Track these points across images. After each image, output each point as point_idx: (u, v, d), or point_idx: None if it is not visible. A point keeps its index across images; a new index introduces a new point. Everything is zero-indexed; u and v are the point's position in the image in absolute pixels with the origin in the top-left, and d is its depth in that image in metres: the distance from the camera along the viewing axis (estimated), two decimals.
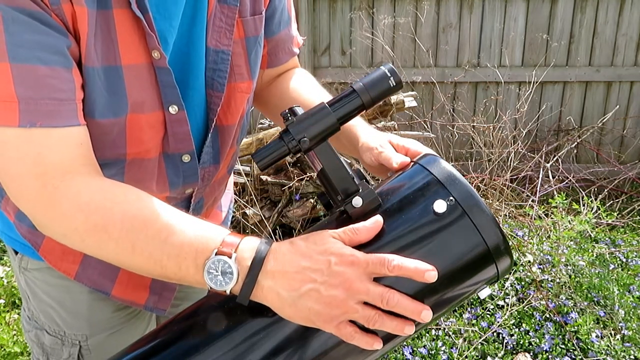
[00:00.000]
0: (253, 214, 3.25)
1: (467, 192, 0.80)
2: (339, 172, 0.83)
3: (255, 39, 1.03)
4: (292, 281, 0.73)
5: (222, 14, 0.97)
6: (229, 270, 0.74)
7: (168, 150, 0.98)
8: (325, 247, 0.74)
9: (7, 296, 3.01)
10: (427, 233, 0.80)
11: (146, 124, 0.93)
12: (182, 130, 0.97)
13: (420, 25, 4.47)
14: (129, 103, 0.90)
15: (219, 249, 0.75)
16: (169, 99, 0.93)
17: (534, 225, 3.34)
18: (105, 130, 0.90)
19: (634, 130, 4.68)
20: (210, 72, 0.99)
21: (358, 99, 0.83)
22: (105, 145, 0.92)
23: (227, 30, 0.98)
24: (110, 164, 0.94)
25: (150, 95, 0.92)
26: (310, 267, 0.73)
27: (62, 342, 1.11)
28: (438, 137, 4.11)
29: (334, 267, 0.73)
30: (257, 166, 0.84)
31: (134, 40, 0.87)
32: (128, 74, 0.88)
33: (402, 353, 2.49)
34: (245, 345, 0.77)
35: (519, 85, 4.50)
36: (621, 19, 4.46)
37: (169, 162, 0.99)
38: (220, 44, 0.98)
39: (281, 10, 1.12)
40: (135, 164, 0.96)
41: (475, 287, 0.84)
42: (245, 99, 1.06)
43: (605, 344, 2.55)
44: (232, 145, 1.10)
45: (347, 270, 0.73)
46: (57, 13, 0.80)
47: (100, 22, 0.84)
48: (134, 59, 0.88)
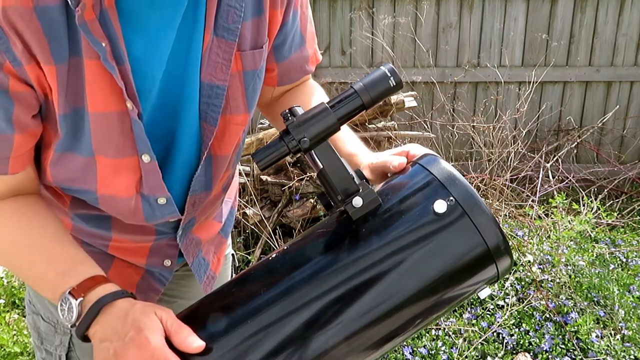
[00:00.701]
0: (253, 214, 3.25)
1: (467, 192, 0.80)
2: (339, 172, 0.83)
3: (254, 72, 1.00)
4: (101, 334, 0.81)
5: (219, 48, 0.93)
6: (72, 311, 0.83)
7: (143, 192, 0.98)
8: (140, 319, 0.79)
9: (7, 296, 3.01)
10: (427, 233, 0.80)
11: (117, 168, 0.94)
12: (155, 179, 0.96)
13: (420, 25, 4.47)
14: (93, 147, 0.91)
15: (72, 291, 0.84)
16: (141, 149, 0.93)
17: (534, 225, 3.34)
18: (74, 166, 0.93)
19: (634, 130, 4.68)
20: (204, 106, 0.96)
21: (358, 99, 0.83)
22: (75, 179, 0.95)
23: (223, 65, 0.94)
24: (83, 193, 0.97)
25: (123, 142, 0.91)
26: (117, 330, 0.79)
27: (55, 329, 1.14)
28: (438, 137, 4.11)
29: (126, 339, 0.78)
30: (257, 166, 0.84)
31: (105, 90, 0.86)
32: (94, 120, 0.88)
33: (402, 353, 2.49)
34: (245, 346, 0.77)
35: (519, 85, 4.50)
36: (621, 19, 4.46)
37: (145, 202, 0.99)
38: (216, 78, 0.95)
39: (293, 35, 1.07)
40: (107, 199, 0.98)
41: (475, 287, 0.84)
42: (241, 130, 1.04)
43: (605, 344, 2.55)
44: (228, 169, 1.09)
45: (131, 349, 0.76)
46: (20, 74, 0.81)
47: (73, 69, 0.84)
48: (102, 107, 0.87)
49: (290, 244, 0.88)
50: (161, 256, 1.13)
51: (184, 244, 1.11)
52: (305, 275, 0.81)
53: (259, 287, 0.82)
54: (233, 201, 1.31)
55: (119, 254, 1.11)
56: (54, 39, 0.81)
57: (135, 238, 1.09)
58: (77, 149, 0.91)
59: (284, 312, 0.79)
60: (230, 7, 0.92)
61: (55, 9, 0.80)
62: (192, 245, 1.14)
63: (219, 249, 1.26)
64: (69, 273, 0.86)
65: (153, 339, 0.76)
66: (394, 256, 0.80)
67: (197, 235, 1.15)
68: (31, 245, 0.90)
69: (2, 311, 2.91)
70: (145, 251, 1.12)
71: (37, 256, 0.90)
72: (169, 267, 1.15)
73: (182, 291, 1.26)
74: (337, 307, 0.78)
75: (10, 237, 0.91)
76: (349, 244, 0.83)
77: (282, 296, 0.80)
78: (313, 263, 0.82)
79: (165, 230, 1.09)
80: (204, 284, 1.20)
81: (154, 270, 1.14)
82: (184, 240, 1.11)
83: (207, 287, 1.21)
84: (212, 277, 1.22)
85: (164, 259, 1.13)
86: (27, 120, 0.86)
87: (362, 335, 0.80)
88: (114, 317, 0.80)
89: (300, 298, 0.79)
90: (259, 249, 3.22)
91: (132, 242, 1.09)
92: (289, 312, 0.79)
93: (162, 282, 1.16)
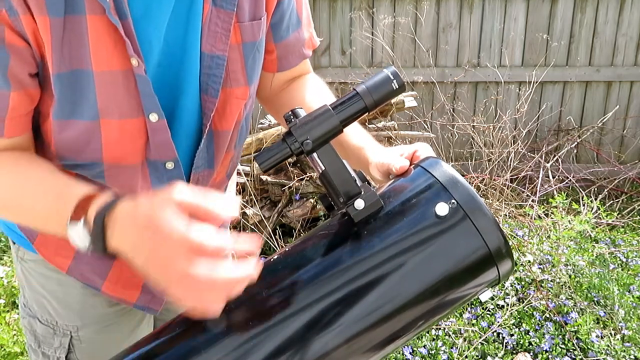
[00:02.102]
0: (253, 214, 3.25)
1: (469, 195, 0.80)
2: (341, 174, 0.83)
3: (253, 44, 1.01)
4: (126, 241, 0.76)
5: (218, 18, 0.95)
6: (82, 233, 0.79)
7: (150, 157, 0.97)
8: (159, 212, 0.73)
9: (7, 296, 3.01)
10: (428, 236, 0.80)
11: (122, 130, 0.93)
12: (163, 139, 0.95)
13: (420, 25, 4.47)
14: (98, 108, 0.89)
15: (71, 215, 0.80)
16: (148, 107, 0.92)
17: (534, 225, 3.34)
18: (77, 133, 0.91)
19: (634, 130, 4.68)
20: (205, 77, 0.97)
21: (361, 101, 0.83)
22: (80, 148, 0.93)
23: (222, 35, 0.96)
24: (88, 166, 0.96)
25: (128, 102, 0.91)
26: (136, 225, 0.74)
27: (53, 331, 1.13)
28: (438, 137, 4.11)
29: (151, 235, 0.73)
30: (260, 168, 0.84)
31: (109, 47, 0.86)
32: (99, 80, 0.88)
33: (402, 353, 2.49)
34: (246, 347, 0.77)
35: (519, 85, 4.50)
36: (621, 19, 4.46)
37: (152, 169, 0.98)
38: (216, 49, 0.96)
39: (290, 14, 1.09)
40: (114, 168, 0.96)
41: (476, 290, 0.84)
42: (242, 104, 1.04)
43: (605, 344, 2.55)
44: (229, 150, 1.09)
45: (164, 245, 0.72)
46: (16, 25, 0.81)
47: (70, 28, 0.84)
48: (107, 65, 0.87)
49: (292, 246, 0.88)
50: None
51: None
52: (306, 277, 0.81)
53: (260, 289, 0.82)
54: None
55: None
56: None
57: None
58: (79, 114, 0.90)
59: (285, 313, 0.79)
60: None
61: None
62: None
63: None
64: (68, 195, 0.83)
65: (176, 224, 0.71)
66: (396, 258, 0.80)
67: None
68: (26, 183, 0.88)
69: (2, 311, 2.91)
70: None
71: (31, 192, 0.88)
72: None
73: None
74: (339, 309, 0.79)
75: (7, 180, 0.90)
76: (351, 246, 0.83)
77: (284, 298, 0.80)
78: (314, 265, 0.83)
79: None
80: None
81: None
82: None
83: None
84: None
85: None
86: (24, 76, 0.85)
87: (363, 337, 0.80)
88: (122, 218, 0.76)
89: (302, 300, 0.79)
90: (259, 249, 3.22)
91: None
92: (291, 314, 0.79)
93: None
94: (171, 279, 0.72)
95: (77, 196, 0.81)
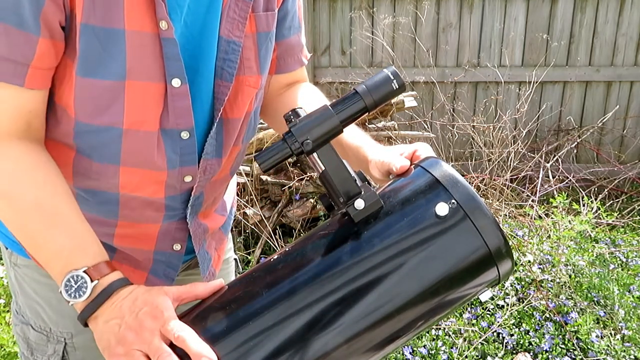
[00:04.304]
0: (253, 214, 3.25)
1: (469, 195, 0.80)
2: (341, 174, 0.83)
3: (267, 35, 1.06)
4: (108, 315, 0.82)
5: (237, 6, 1.00)
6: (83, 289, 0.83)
7: (167, 126, 0.98)
8: (152, 296, 0.81)
9: (7, 296, 3.01)
10: (428, 235, 0.80)
11: (145, 94, 0.94)
12: (183, 105, 0.97)
13: (420, 25, 4.47)
14: (127, 68, 0.90)
15: (89, 269, 0.84)
16: (172, 72, 0.94)
17: (534, 225, 3.34)
18: (101, 92, 0.91)
19: (634, 130, 4.68)
20: (221, 61, 1.00)
21: (361, 101, 0.83)
22: (101, 110, 0.93)
23: (239, 22, 1.00)
24: (106, 131, 0.95)
25: (152, 66, 0.92)
26: (127, 308, 0.81)
27: (47, 338, 1.12)
28: (438, 137, 4.11)
29: (140, 313, 0.79)
30: (260, 168, 0.84)
31: (142, 8, 0.88)
32: (130, 39, 0.89)
33: (402, 353, 2.49)
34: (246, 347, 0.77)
35: (519, 85, 4.50)
36: (621, 19, 4.46)
37: (167, 138, 0.99)
38: (232, 34, 1.00)
39: (292, 15, 1.13)
40: (131, 135, 0.96)
41: (476, 290, 0.84)
42: (253, 93, 1.07)
43: (605, 344, 2.55)
44: (237, 142, 1.10)
45: (147, 320, 0.78)
46: None
47: None
48: (139, 26, 0.89)
49: (292, 246, 0.88)
50: (170, 240, 1.11)
51: (193, 226, 1.10)
52: (307, 277, 0.81)
53: (260, 289, 0.82)
54: (233, 200, 1.32)
55: (124, 243, 1.08)
56: None
57: (144, 216, 1.06)
58: (106, 73, 0.90)
59: (285, 313, 0.79)
60: None
61: None
62: (200, 230, 1.13)
63: (219, 245, 1.26)
64: (85, 250, 0.86)
65: (167, 311, 0.79)
66: (396, 258, 0.80)
67: (203, 221, 1.14)
68: (56, 211, 0.88)
69: (2, 311, 2.91)
70: (154, 236, 1.09)
71: (58, 224, 0.87)
72: (179, 251, 1.12)
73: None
74: (339, 309, 0.79)
75: (35, 196, 0.88)
76: (351, 246, 0.83)
77: (284, 298, 0.80)
78: (315, 265, 0.83)
79: (174, 205, 1.07)
80: (205, 279, 1.18)
81: (160, 261, 1.12)
82: (192, 221, 1.10)
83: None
84: (212, 273, 1.21)
85: (173, 243, 1.11)
86: (55, 24, 0.85)
87: (363, 337, 0.80)
88: (121, 299, 0.82)
89: (302, 300, 0.79)
90: (259, 249, 3.22)
91: (139, 225, 1.07)
92: (291, 314, 0.79)
93: (169, 277, 1.14)
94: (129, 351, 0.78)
95: (100, 256, 0.86)
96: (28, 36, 0.84)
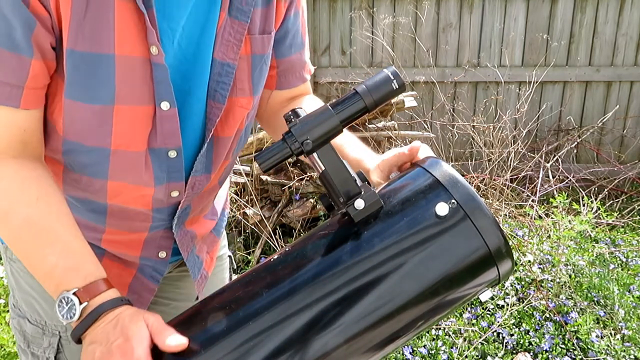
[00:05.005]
0: (253, 214, 3.25)
1: (469, 195, 0.80)
2: (341, 174, 0.83)
3: (262, 57, 1.05)
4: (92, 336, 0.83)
5: (232, 28, 0.98)
6: (73, 311, 0.84)
7: (154, 145, 0.98)
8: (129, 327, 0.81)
9: (7, 296, 3.01)
10: (428, 235, 0.80)
11: (133, 117, 0.94)
12: (172, 127, 0.97)
13: (420, 25, 4.47)
14: (115, 92, 0.90)
15: (79, 290, 0.84)
16: (161, 96, 0.94)
17: (534, 225, 3.34)
18: (89, 115, 0.92)
19: (634, 130, 4.69)
20: (214, 83, 1.00)
21: (361, 101, 0.83)
22: (89, 132, 0.94)
23: (234, 44, 0.99)
24: (94, 151, 0.96)
25: (141, 90, 0.92)
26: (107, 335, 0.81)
27: (42, 331, 1.13)
28: (438, 137, 4.11)
29: (113, 346, 0.79)
30: (260, 168, 0.84)
31: (132, 33, 0.88)
32: (120, 64, 0.89)
33: (402, 353, 2.49)
34: (246, 347, 0.77)
35: (519, 85, 4.50)
36: (621, 19, 4.47)
37: (155, 157, 0.99)
38: (227, 57, 0.99)
39: (294, 34, 1.12)
40: (119, 154, 0.97)
41: (476, 290, 0.84)
42: (245, 114, 1.07)
43: (605, 344, 2.55)
44: (227, 157, 1.10)
45: (116, 355, 0.78)
46: None
47: (94, 9, 0.85)
48: (129, 51, 0.89)
49: (292, 246, 0.88)
50: (156, 248, 1.13)
51: (179, 235, 1.11)
52: (307, 277, 0.81)
53: (260, 289, 0.82)
54: (225, 202, 1.32)
55: (112, 247, 1.10)
56: None
57: (131, 226, 1.08)
58: (95, 97, 0.91)
59: (285, 313, 0.79)
60: None
61: None
62: (187, 238, 1.14)
63: (211, 248, 1.27)
64: (77, 270, 0.86)
65: (138, 349, 0.78)
66: (396, 258, 0.80)
67: (190, 228, 1.15)
68: (49, 229, 0.88)
69: (2, 311, 2.91)
70: (140, 243, 1.11)
71: (51, 243, 0.87)
72: (164, 259, 1.14)
73: (176, 293, 1.26)
74: (339, 309, 0.79)
75: (27, 214, 0.88)
76: (351, 246, 0.83)
77: (284, 298, 0.80)
78: (315, 265, 0.83)
79: (161, 217, 1.08)
80: (197, 282, 1.20)
81: (147, 265, 1.14)
82: (178, 231, 1.11)
83: (200, 286, 1.22)
84: (204, 276, 1.22)
85: (158, 251, 1.13)
86: (46, 45, 0.86)
87: (363, 337, 0.80)
88: (105, 322, 0.82)
89: (302, 300, 0.79)
90: (259, 249, 3.22)
91: (126, 233, 1.09)
92: (291, 314, 0.79)
93: (155, 279, 1.15)
94: None
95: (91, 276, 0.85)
96: (21, 58, 0.84)
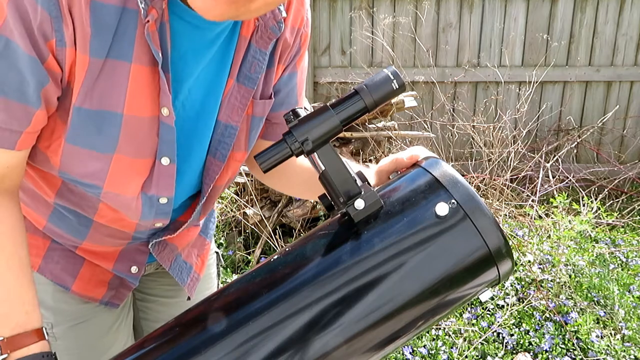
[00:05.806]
0: (253, 214, 3.25)
1: (469, 195, 0.80)
2: (341, 174, 0.83)
3: (260, 119, 1.09)
4: None
5: (239, 93, 1.02)
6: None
7: (148, 192, 1.00)
8: None
9: None
10: (428, 235, 0.80)
11: (131, 167, 0.96)
12: (168, 180, 1.00)
13: (420, 25, 4.47)
14: (118, 145, 0.92)
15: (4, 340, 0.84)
16: (163, 152, 0.96)
17: (534, 225, 3.34)
18: (87, 159, 0.93)
19: (634, 130, 4.69)
20: (216, 142, 1.04)
21: (361, 101, 0.83)
22: (86, 171, 0.95)
23: (239, 108, 1.03)
24: (88, 186, 0.97)
25: (144, 145, 0.94)
26: None
27: None
28: (438, 137, 4.12)
29: None
30: (260, 168, 0.84)
31: (144, 95, 0.90)
32: (127, 122, 0.90)
33: (402, 353, 2.49)
34: (246, 347, 0.77)
35: (519, 85, 4.50)
36: (621, 19, 4.47)
37: (146, 200, 1.01)
38: (231, 119, 1.03)
39: (287, 92, 1.12)
40: (111, 194, 0.99)
41: (476, 290, 0.84)
42: (238, 166, 1.11)
43: (605, 344, 2.55)
44: (215, 200, 1.16)
45: None
46: (58, 55, 0.83)
47: (108, 71, 0.86)
48: (139, 112, 0.91)
49: (292, 246, 0.88)
50: (129, 262, 1.15)
51: (155, 249, 1.13)
52: (307, 277, 0.81)
53: (260, 289, 0.82)
54: None
55: (86, 255, 1.13)
56: (97, 34, 0.83)
57: (109, 242, 1.10)
58: (96, 146, 0.92)
59: (285, 313, 0.79)
60: (255, 59, 1.02)
61: (111, 9, 0.83)
62: (166, 251, 1.16)
63: (202, 251, 1.28)
64: (8, 319, 0.86)
65: None
66: (396, 258, 0.80)
67: (171, 242, 1.17)
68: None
69: None
70: (114, 255, 1.14)
71: None
72: (136, 274, 1.16)
73: (163, 289, 1.28)
74: (339, 309, 0.78)
75: None
76: (351, 246, 0.83)
77: (284, 298, 0.80)
78: (315, 265, 0.82)
79: (140, 237, 1.11)
80: (187, 286, 1.22)
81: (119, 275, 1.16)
82: (156, 246, 1.13)
83: (192, 289, 1.23)
84: (196, 279, 1.24)
85: (131, 265, 1.15)
86: (53, 99, 0.87)
87: (363, 337, 0.80)
88: None
89: (302, 300, 0.79)
90: (259, 248, 3.22)
91: (102, 246, 1.11)
92: (291, 314, 0.79)
93: (132, 283, 1.18)
94: None
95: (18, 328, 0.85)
96: (27, 108, 0.85)
